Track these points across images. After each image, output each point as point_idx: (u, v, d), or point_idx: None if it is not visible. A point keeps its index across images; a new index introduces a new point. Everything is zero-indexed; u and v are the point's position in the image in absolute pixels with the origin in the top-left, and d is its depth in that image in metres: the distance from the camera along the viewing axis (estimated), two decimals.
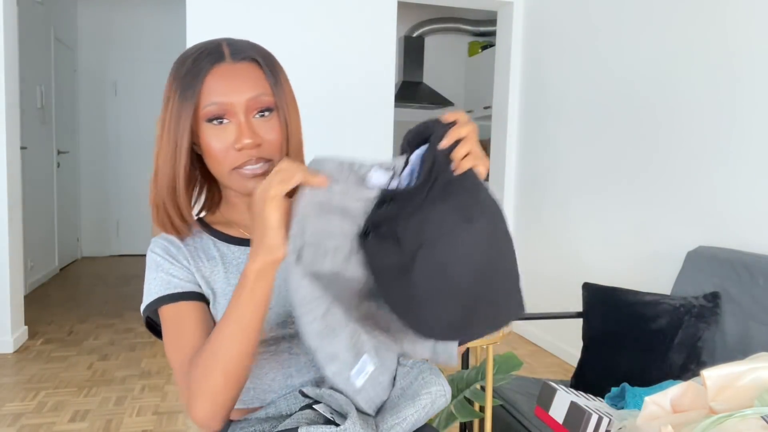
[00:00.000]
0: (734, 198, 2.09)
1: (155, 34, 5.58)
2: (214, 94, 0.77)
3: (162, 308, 0.82)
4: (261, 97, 0.79)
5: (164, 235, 0.88)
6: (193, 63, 0.79)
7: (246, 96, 0.78)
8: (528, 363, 3.02)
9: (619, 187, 2.71)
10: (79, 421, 2.27)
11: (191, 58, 0.80)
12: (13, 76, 2.99)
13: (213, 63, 0.79)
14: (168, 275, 0.83)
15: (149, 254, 0.86)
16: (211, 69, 0.78)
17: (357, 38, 3.33)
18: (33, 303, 3.85)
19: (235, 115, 0.78)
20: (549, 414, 1.53)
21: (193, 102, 0.77)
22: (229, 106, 0.78)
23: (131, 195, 5.66)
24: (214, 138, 0.78)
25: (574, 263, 3.04)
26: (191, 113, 0.77)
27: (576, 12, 3.08)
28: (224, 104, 0.77)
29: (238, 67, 0.80)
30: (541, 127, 3.40)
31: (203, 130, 0.79)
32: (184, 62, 0.80)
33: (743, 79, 2.07)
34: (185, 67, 0.79)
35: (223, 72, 0.79)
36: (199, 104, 0.77)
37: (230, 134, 0.78)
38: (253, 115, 0.80)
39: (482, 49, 5.57)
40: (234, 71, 0.79)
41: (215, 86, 0.78)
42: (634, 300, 1.85)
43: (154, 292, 0.82)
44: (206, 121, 0.78)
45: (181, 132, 0.78)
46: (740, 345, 1.71)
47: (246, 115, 0.79)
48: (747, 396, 0.93)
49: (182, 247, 0.86)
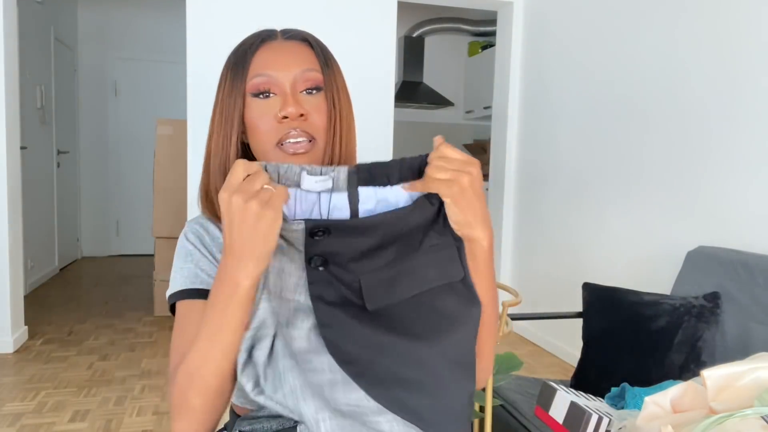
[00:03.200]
0: (734, 198, 2.09)
1: (155, 34, 5.58)
2: (261, 67, 0.77)
3: (181, 302, 0.79)
4: (308, 73, 0.78)
5: (199, 220, 0.85)
6: (244, 44, 0.80)
7: (294, 71, 0.78)
8: (528, 363, 3.02)
9: (619, 187, 2.71)
10: (79, 421, 2.27)
11: (244, 42, 0.80)
12: (13, 76, 2.99)
13: (263, 40, 0.80)
14: (197, 268, 0.80)
15: (182, 239, 0.83)
16: (261, 45, 0.79)
17: (357, 38, 3.33)
18: (33, 303, 3.85)
19: (282, 89, 0.77)
20: (549, 414, 1.53)
21: (243, 77, 0.77)
22: (276, 80, 0.77)
23: (131, 195, 5.66)
24: (258, 111, 0.77)
25: (574, 263, 3.04)
26: (242, 89, 0.77)
27: (576, 12, 3.08)
28: (271, 77, 0.77)
29: (289, 44, 0.80)
30: (541, 127, 3.40)
31: (250, 105, 0.78)
32: (238, 49, 0.80)
33: (744, 79, 2.07)
34: (237, 50, 0.80)
35: (273, 47, 0.79)
36: (246, 78, 0.77)
37: (275, 106, 0.77)
38: (300, 91, 0.78)
39: (482, 49, 5.57)
40: (284, 47, 0.79)
41: (263, 60, 0.78)
42: (634, 300, 1.85)
43: (179, 282, 0.80)
44: (252, 96, 0.78)
45: (233, 105, 0.78)
46: (740, 345, 1.71)
47: (293, 89, 0.78)
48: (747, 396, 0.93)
49: (218, 237, 0.83)
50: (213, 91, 0.85)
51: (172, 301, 0.81)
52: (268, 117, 0.77)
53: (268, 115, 0.77)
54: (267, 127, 0.77)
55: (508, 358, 1.66)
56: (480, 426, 1.69)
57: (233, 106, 0.77)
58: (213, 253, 0.83)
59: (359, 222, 0.67)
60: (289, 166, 0.66)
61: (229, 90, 0.78)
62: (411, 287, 0.69)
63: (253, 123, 0.78)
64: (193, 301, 0.79)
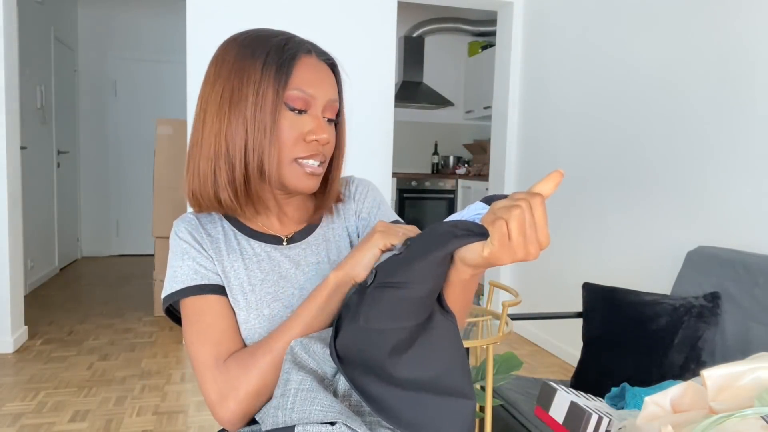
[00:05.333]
0: (734, 198, 2.09)
1: (155, 34, 5.58)
2: (302, 83, 0.78)
3: (187, 299, 0.80)
4: (335, 104, 0.83)
5: (187, 218, 0.86)
6: (282, 47, 0.78)
7: (328, 96, 0.81)
8: (528, 363, 3.02)
9: (619, 187, 2.71)
10: (79, 421, 2.27)
11: (278, 42, 0.79)
12: (13, 76, 2.99)
13: (303, 52, 0.80)
14: (196, 264, 0.82)
15: (174, 239, 0.84)
16: (301, 57, 0.79)
17: (357, 38, 3.33)
18: (33, 303, 3.85)
19: (315, 111, 0.80)
20: (549, 414, 1.53)
21: (284, 83, 0.77)
22: (313, 100, 0.79)
23: (131, 195, 5.66)
24: (289, 124, 0.78)
25: (574, 263, 3.04)
26: (282, 95, 0.77)
27: (576, 12, 3.08)
28: (309, 97, 0.79)
29: (323, 66, 0.82)
30: (541, 127, 3.40)
31: (281, 113, 0.78)
32: (277, 50, 0.78)
33: (744, 79, 2.07)
34: (278, 52, 0.78)
35: (312, 65, 0.80)
36: (287, 87, 0.78)
37: (305, 125, 0.79)
38: (325, 117, 0.82)
39: (482, 49, 5.57)
40: (321, 69, 0.81)
41: (305, 77, 0.79)
42: (634, 300, 1.85)
43: (180, 280, 0.81)
44: (287, 107, 0.78)
45: (273, 111, 0.77)
46: (740, 345, 1.71)
47: (323, 112, 0.81)
48: (747, 396, 0.93)
49: (204, 236, 0.85)
50: None
51: (177, 298, 0.81)
52: (296, 132, 0.79)
53: (298, 130, 0.79)
54: (293, 142, 0.79)
55: (508, 358, 1.66)
56: (480, 426, 1.69)
57: (272, 112, 0.77)
58: (206, 250, 0.84)
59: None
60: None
61: (273, 95, 0.77)
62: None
63: (280, 132, 0.78)
64: (204, 296, 0.80)
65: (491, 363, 1.44)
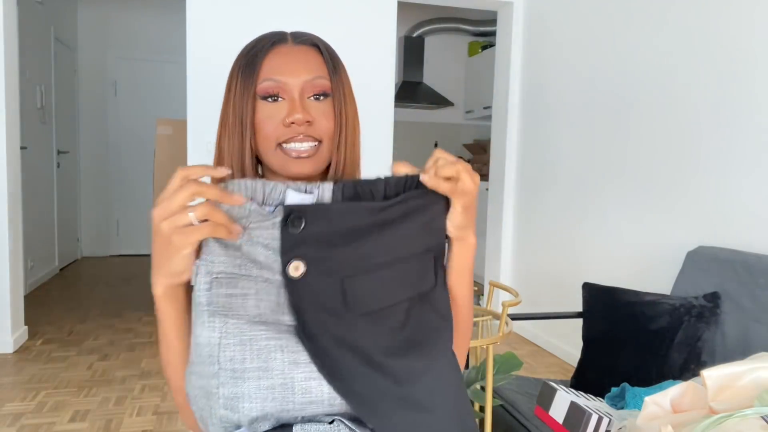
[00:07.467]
0: (734, 198, 2.09)
1: (155, 34, 5.58)
2: (271, 72, 0.78)
3: None
4: (317, 80, 0.80)
5: None
6: (255, 45, 0.80)
7: (303, 77, 0.79)
8: (528, 363, 3.02)
9: (618, 187, 2.71)
10: (79, 421, 2.27)
11: (254, 43, 0.81)
12: (13, 76, 2.99)
13: (274, 44, 0.80)
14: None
15: None
16: (271, 49, 0.80)
17: (357, 38, 3.33)
18: (33, 303, 3.85)
19: (290, 94, 0.79)
20: (549, 414, 1.53)
21: (253, 80, 0.78)
22: (285, 85, 0.78)
23: (131, 195, 5.66)
24: (265, 114, 0.79)
25: (574, 263, 3.04)
26: (252, 91, 0.78)
27: (576, 12, 3.08)
28: (280, 82, 0.78)
29: (298, 49, 0.81)
30: (541, 127, 3.40)
31: (258, 107, 0.79)
32: (249, 50, 0.81)
33: (743, 78, 2.07)
34: (248, 52, 0.80)
35: (283, 52, 0.80)
36: (257, 81, 0.78)
37: (282, 110, 0.79)
38: (308, 97, 0.80)
39: (482, 49, 5.57)
40: (293, 52, 0.80)
41: (274, 64, 0.79)
42: (634, 300, 1.85)
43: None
44: (261, 98, 0.79)
45: (245, 107, 0.78)
46: (740, 345, 1.71)
47: (301, 95, 0.79)
48: (747, 396, 0.93)
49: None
50: (213, 90, 0.85)
51: None
52: (274, 120, 0.78)
53: (275, 118, 0.78)
54: (271, 130, 0.78)
55: (508, 358, 1.66)
56: (480, 426, 1.69)
57: (245, 108, 0.78)
58: None
59: (335, 206, 0.69)
60: (274, 184, 0.68)
61: (241, 92, 0.78)
62: (394, 287, 0.69)
63: (259, 125, 0.79)
64: None
65: (491, 363, 1.44)
